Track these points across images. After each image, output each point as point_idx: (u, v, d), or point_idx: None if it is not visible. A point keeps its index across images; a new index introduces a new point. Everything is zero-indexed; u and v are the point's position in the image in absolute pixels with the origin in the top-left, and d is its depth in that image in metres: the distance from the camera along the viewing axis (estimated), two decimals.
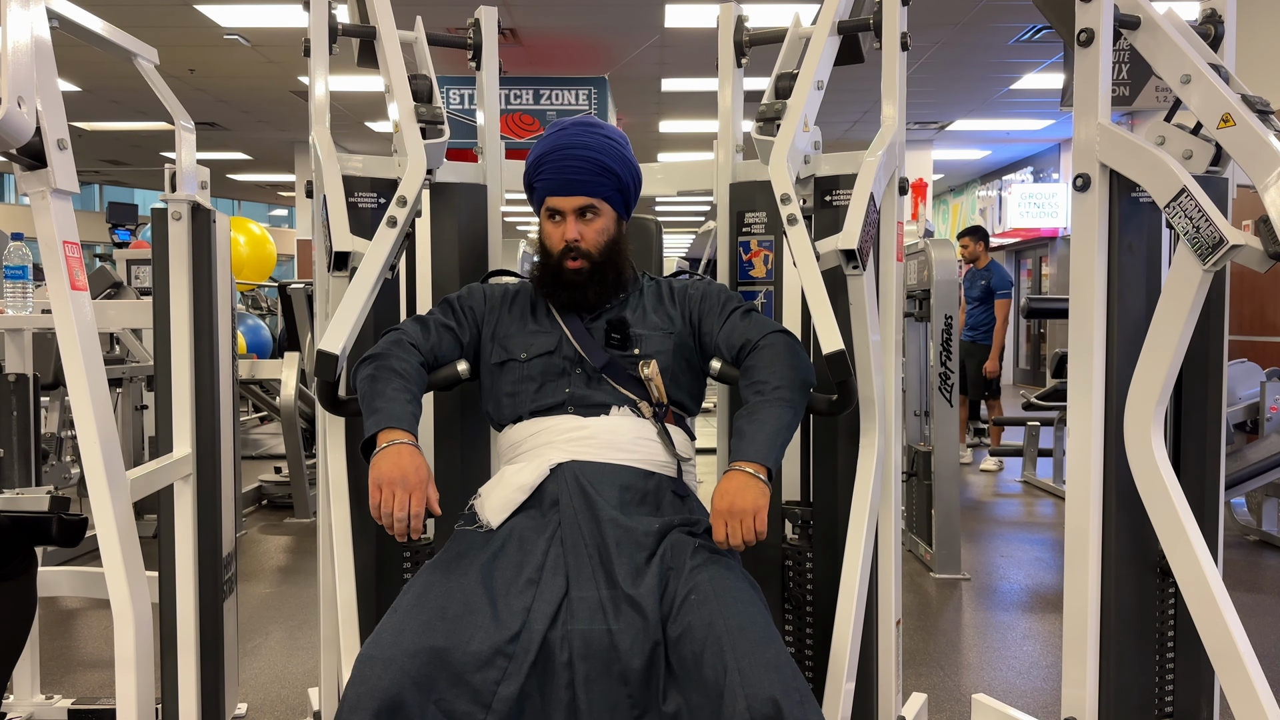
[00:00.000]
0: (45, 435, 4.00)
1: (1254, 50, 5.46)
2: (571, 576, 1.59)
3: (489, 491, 1.75)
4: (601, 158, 1.83)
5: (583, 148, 1.83)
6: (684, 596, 1.55)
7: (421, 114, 1.96)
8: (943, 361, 4.42)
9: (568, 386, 1.81)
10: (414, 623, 1.51)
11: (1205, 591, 1.58)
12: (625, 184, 1.87)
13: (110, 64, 2.20)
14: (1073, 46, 1.71)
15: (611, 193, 1.85)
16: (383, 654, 1.46)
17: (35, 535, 2.17)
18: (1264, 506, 4.98)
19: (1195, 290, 1.58)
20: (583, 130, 1.86)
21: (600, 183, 1.83)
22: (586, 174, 1.82)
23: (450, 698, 1.46)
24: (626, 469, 1.74)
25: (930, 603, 4.02)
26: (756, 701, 1.39)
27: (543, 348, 1.84)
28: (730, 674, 1.42)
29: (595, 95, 8.37)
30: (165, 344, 2.27)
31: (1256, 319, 6.91)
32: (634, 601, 1.55)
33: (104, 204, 16.31)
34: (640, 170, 1.94)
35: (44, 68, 1.69)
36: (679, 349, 1.86)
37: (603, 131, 1.88)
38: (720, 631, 1.47)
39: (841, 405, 1.75)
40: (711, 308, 1.88)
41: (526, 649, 1.51)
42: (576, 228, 1.83)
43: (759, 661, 1.43)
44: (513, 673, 1.49)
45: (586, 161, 1.82)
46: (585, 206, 1.83)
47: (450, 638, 1.49)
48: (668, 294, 1.93)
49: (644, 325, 1.87)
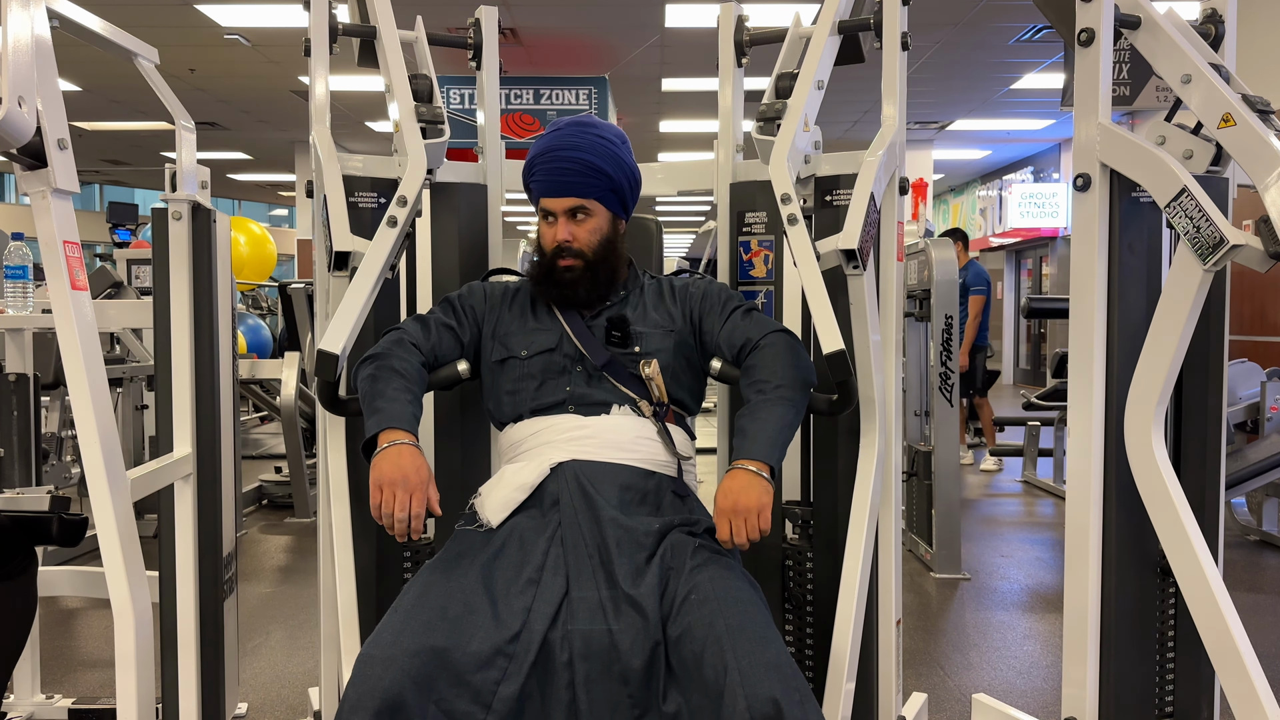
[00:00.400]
0: (45, 435, 4.00)
1: (1254, 50, 5.46)
2: (571, 576, 1.59)
3: (489, 491, 1.75)
4: (591, 158, 1.82)
5: (573, 149, 1.82)
6: (684, 596, 1.55)
7: (422, 114, 1.96)
8: (943, 361, 4.42)
9: (568, 384, 1.81)
10: (414, 622, 1.51)
11: (1205, 591, 1.58)
12: (619, 184, 1.86)
13: (110, 64, 2.19)
14: (1073, 46, 1.71)
15: (604, 193, 1.85)
16: (383, 653, 1.46)
17: (35, 535, 2.17)
18: (1264, 506, 4.98)
19: (1195, 290, 1.58)
20: (576, 131, 1.86)
21: (591, 183, 1.83)
22: (576, 175, 1.82)
23: (450, 697, 1.46)
24: (627, 468, 1.74)
25: (930, 603, 4.02)
26: (757, 701, 1.39)
27: (543, 345, 1.84)
28: (730, 674, 1.42)
29: (595, 95, 8.37)
30: (165, 344, 2.27)
31: (1256, 319, 6.91)
32: (634, 601, 1.55)
33: (104, 204, 16.32)
34: (638, 169, 1.93)
35: (44, 68, 1.69)
36: (679, 347, 1.86)
37: (596, 131, 1.87)
38: (720, 631, 1.47)
39: (842, 405, 1.75)
40: (712, 307, 1.88)
41: (527, 649, 1.51)
42: (568, 228, 1.84)
43: (759, 661, 1.43)
44: (513, 673, 1.49)
45: (576, 163, 1.82)
46: (576, 207, 1.84)
47: (450, 637, 1.49)
48: (668, 292, 1.93)
49: (644, 323, 1.87)
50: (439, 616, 1.52)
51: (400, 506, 1.58)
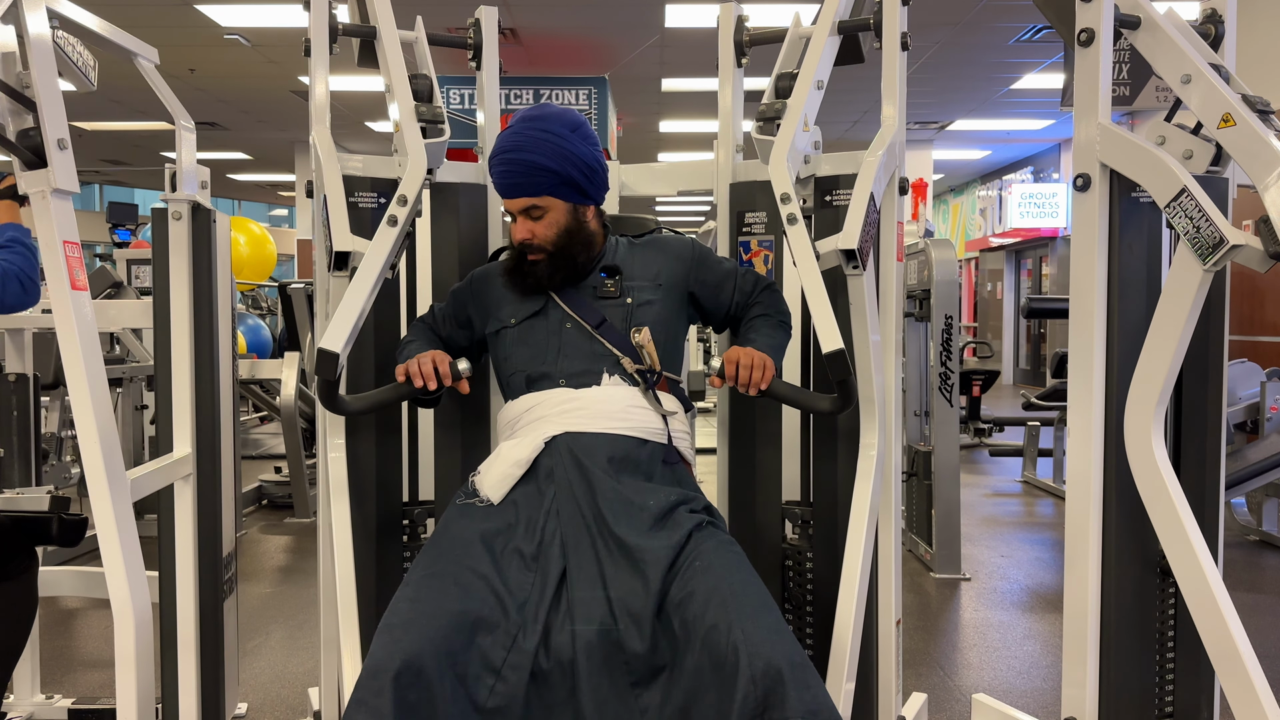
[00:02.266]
0: (45, 435, 4.01)
1: (1254, 50, 5.46)
2: (569, 547, 1.63)
3: (488, 468, 1.80)
4: (535, 157, 1.81)
5: (517, 149, 1.82)
6: (689, 562, 1.58)
7: (422, 113, 1.96)
8: (943, 361, 4.42)
9: (559, 346, 1.85)
10: (427, 590, 1.55)
11: (1205, 591, 1.58)
12: (569, 176, 1.84)
13: (110, 64, 2.19)
14: (1073, 46, 1.71)
15: (555, 187, 1.84)
16: (401, 620, 1.51)
17: (36, 535, 2.17)
18: (1264, 506, 4.97)
19: (1195, 290, 1.58)
20: (522, 129, 1.84)
21: (539, 181, 1.83)
22: (521, 175, 1.83)
23: (464, 661, 1.50)
24: (620, 438, 1.78)
25: (930, 603, 4.02)
26: (760, 662, 1.42)
27: (530, 310, 1.90)
28: (734, 633, 1.45)
29: (595, 95, 8.36)
30: (165, 344, 2.27)
31: (1256, 319, 6.92)
32: (630, 551, 1.59)
33: (104, 204, 16.31)
34: (592, 153, 1.88)
35: (44, 68, 1.69)
36: (668, 297, 1.92)
37: (542, 125, 1.84)
38: (725, 595, 1.51)
39: (842, 404, 1.76)
40: (719, 279, 1.97)
41: (534, 620, 1.55)
42: (527, 226, 1.87)
43: (763, 625, 1.47)
44: (521, 643, 1.53)
45: (518, 164, 1.82)
46: (529, 206, 1.86)
47: (464, 601, 1.53)
48: (649, 247, 1.98)
49: (632, 276, 1.92)
50: (451, 583, 1.56)
51: (426, 362, 1.79)
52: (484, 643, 1.51)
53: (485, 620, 1.53)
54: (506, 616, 1.54)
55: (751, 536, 2.12)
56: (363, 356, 2.03)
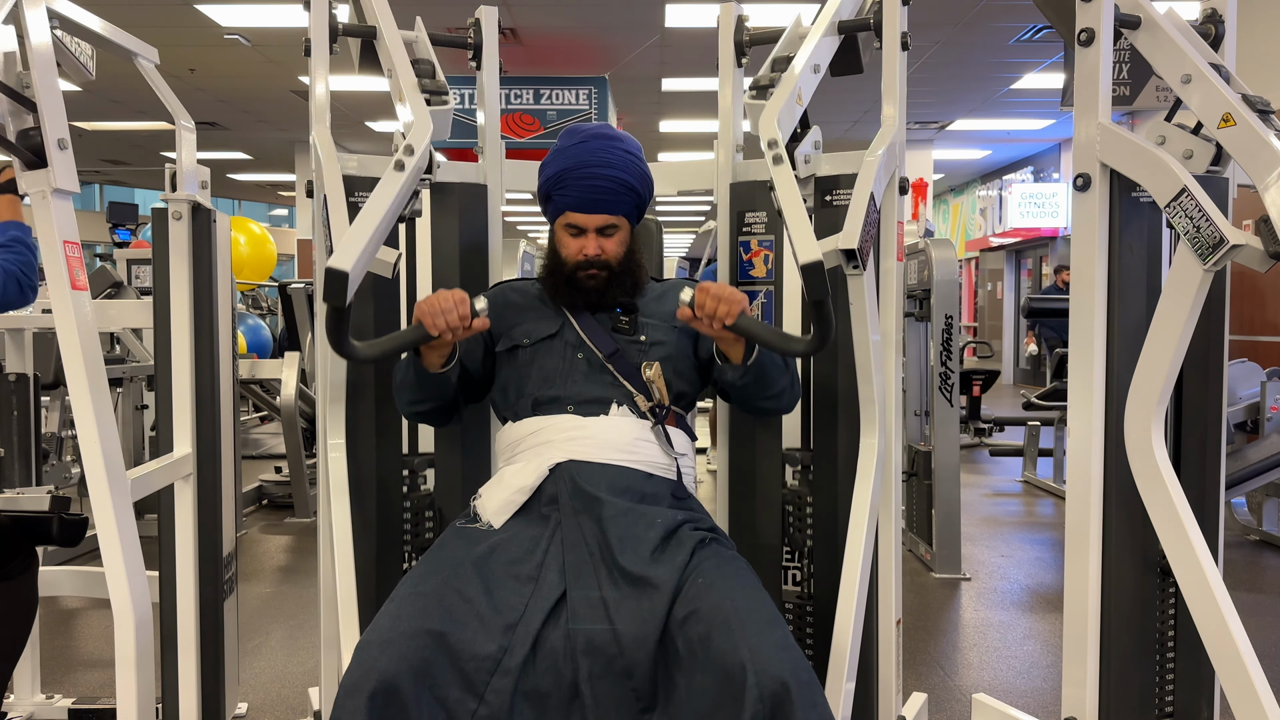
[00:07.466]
0: (45, 435, 4.01)
1: (1254, 50, 5.46)
2: (570, 574, 1.60)
3: (489, 493, 1.76)
4: (625, 176, 1.84)
5: (607, 165, 1.83)
6: (692, 579, 1.57)
7: (426, 85, 1.93)
8: (943, 361, 4.42)
9: (569, 373, 1.82)
10: (410, 609, 1.53)
11: (1205, 591, 1.58)
12: (644, 199, 1.89)
13: (110, 64, 2.18)
14: (1073, 46, 1.71)
15: (631, 208, 1.88)
16: (380, 638, 1.49)
17: (36, 535, 2.17)
18: (1264, 506, 4.97)
19: (1195, 290, 1.58)
20: (605, 145, 1.85)
21: (623, 201, 1.85)
22: (610, 193, 1.83)
23: (444, 684, 1.48)
24: (626, 470, 1.74)
25: (930, 603, 4.02)
26: (767, 679, 1.41)
27: (545, 332, 1.87)
28: (741, 652, 1.44)
29: (595, 95, 8.36)
30: (165, 344, 2.27)
31: (1256, 319, 6.91)
32: (641, 581, 1.56)
33: (104, 204, 16.31)
34: (653, 178, 1.94)
35: (44, 68, 1.69)
36: (681, 339, 1.88)
37: (624, 146, 1.88)
38: (729, 612, 1.50)
39: (818, 343, 1.62)
40: None
41: (523, 642, 1.52)
42: (598, 243, 1.85)
43: (769, 642, 1.46)
44: (507, 665, 1.50)
45: (611, 181, 1.83)
46: (608, 224, 1.85)
47: (446, 624, 1.51)
48: (668, 288, 1.96)
49: (649, 315, 1.89)
50: (435, 604, 1.54)
51: (444, 300, 1.68)
52: (467, 666, 1.49)
53: (468, 643, 1.50)
54: (491, 640, 1.51)
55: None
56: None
